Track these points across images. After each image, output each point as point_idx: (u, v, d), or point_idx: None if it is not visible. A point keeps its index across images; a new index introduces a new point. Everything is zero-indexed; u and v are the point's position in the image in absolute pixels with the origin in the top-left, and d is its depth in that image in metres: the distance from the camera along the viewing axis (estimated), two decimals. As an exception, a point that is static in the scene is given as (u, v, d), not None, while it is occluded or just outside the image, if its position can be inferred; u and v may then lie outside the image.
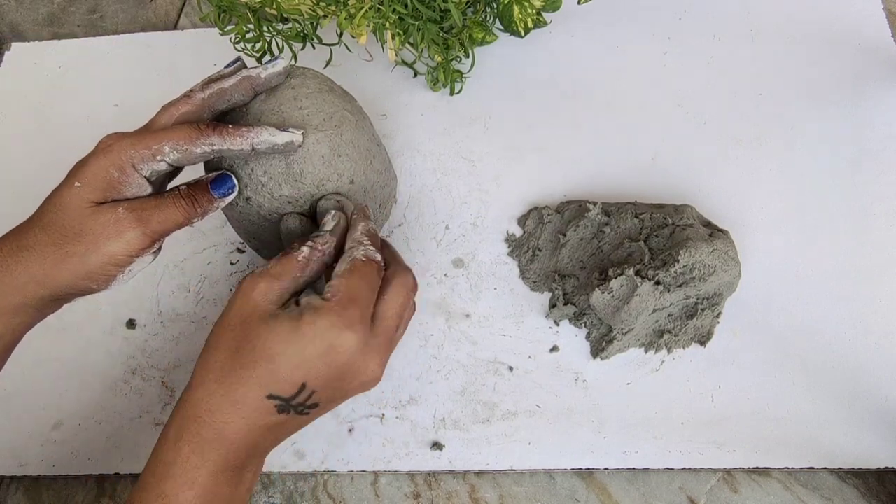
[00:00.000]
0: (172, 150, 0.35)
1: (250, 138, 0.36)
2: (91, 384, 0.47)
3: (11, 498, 0.46)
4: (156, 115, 0.37)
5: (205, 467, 0.32)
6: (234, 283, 0.49)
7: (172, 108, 0.37)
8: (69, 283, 0.34)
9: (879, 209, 0.47)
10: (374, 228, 0.37)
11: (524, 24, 0.53)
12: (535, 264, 0.47)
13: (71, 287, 0.34)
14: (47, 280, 0.34)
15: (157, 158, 0.35)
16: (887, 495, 0.41)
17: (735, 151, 0.50)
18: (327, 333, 0.32)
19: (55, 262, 0.33)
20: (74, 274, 0.34)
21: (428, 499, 0.43)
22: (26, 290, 0.34)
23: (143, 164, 0.35)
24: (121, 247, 0.34)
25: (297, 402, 0.33)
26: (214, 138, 0.36)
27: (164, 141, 0.35)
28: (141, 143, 0.34)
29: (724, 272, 0.41)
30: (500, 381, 0.44)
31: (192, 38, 0.62)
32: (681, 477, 0.42)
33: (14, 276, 0.33)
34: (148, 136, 0.35)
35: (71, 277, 0.34)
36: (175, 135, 0.35)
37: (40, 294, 0.34)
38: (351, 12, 0.46)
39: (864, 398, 0.42)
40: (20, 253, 0.33)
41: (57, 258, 0.33)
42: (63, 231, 0.33)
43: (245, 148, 0.36)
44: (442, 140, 0.53)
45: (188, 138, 0.35)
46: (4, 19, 0.68)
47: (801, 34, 0.54)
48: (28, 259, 0.33)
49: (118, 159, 0.34)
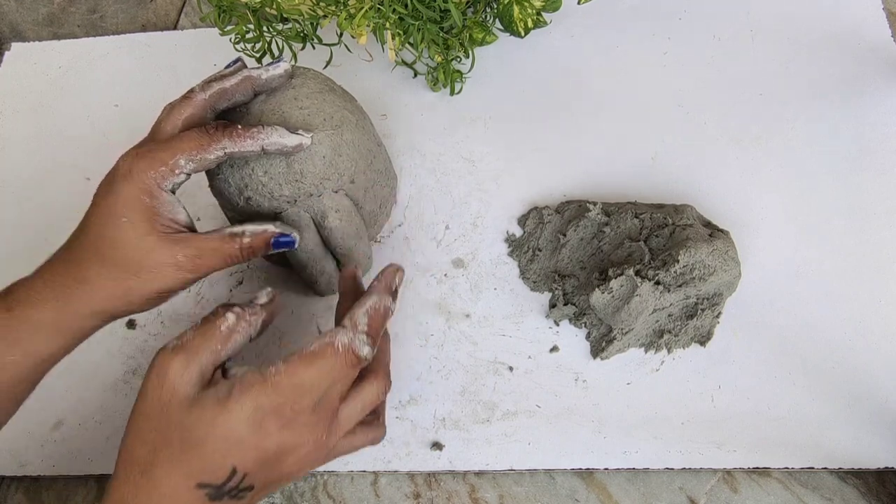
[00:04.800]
0: (188, 161, 0.35)
1: (260, 140, 0.36)
2: (91, 384, 0.47)
3: (11, 498, 0.46)
4: (160, 121, 0.37)
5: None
6: (233, 284, 0.49)
7: (176, 111, 0.37)
8: (122, 312, 0.36)
9: (879, 209, 0.47)
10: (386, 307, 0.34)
11: (524, 24, 0.53)
12: (535, 264, 0.47)
13: (122, 314, 0.36)
14: (105, 311, 0.35)
15: (175, 173, 0.35)
16: (887, 495, 0.41)
17: (735, 151, 0.50)
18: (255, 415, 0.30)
19: (115, 296, 0.35)
20: (130, 305, 0.35)
21: (428, 499, 0.43)
22: (85, 318, 0.35)
23: (166, 182, 0.35)
24: (174, 285, 0.36)
25: (229, 488, 0.31)
26: (225, 141, 0.36)
27: (178, 154, 0.35)
28: (157, 162, 0.35)
29: (724, 272, 0.41)
30: (500, 381, 0.44)
31: (192, 38, 0.62)
32: (681, 477, 0.42)
33: (75, 307, 0.34)
34: (161, 153, 0.35)
35: (126, 308, 0.36)
36: (186, 145, 0.35)
37: (97, 322, 0.36)
38: (351, 12, 0.46)
39: (864, 398, 0.42)
40: (81, 286, 0.34)
41: (117, 293, 0.35)
42: (123, 267, 0.34)
43: (255, 149, 0.37)
44: (442, 140, 0.53)
45: (200, 146, 0.35)
46: (4, 19, 0.68)
47: (801, 34, 0.54)
48: (89, 292, 0.34)
49: (142, 184, 0.34)
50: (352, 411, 0.34)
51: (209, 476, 0.30)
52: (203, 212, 0.52)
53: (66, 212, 0.54)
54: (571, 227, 0.46)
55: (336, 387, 0.32)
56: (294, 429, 0.31)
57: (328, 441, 0.33)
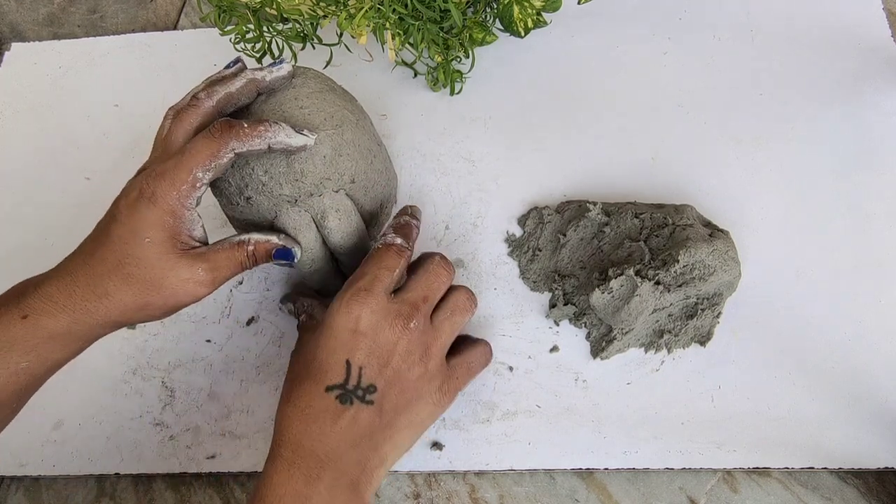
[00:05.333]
0: (205, 172, 0.36)
1: (268, 138, 0.37)
2: (91, 384, 0.47)
3: (11, 498, 0.46)
4: (170, 132, 0.37)
5: (290, 486, 0.33)
6: (234, 283, 0.49)
7: (185, 121, 0.37)
8: (136, 321, 0.37)
9: (879, 209, 0.47)
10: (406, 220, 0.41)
11: (524, 24, 0.53)
12: (535, 264, 0.47)
13: (135, 323, 0.38)
14: (122, 321, 0.36)
15: (197, 187, 0.36)
16: (887, 495, 0.41)
17: (735, 151, 0.50)
18: (340, 308, 0.36)
19: (134, 309, 0.36)
20: (147, 317, 0.37)
21: (428, 499, 0.43)
22: (100, 328, 0.36)
23: (189, 199, 0.36)
24: (193, 298, 0.37)
25: (352, 386, 0.35)
26: (234, 143, 0.36)
27: (194, 167, 0.35)
28: (178, 181, 0.35)
29: (724, 272, 0.41)
30: (500, 381, 0.44)
31: (192, 38, 0.62)
32: (681, 477, 0.42)
33: (94, 318, 0.35)
34: (179, 171, 0.35)
35: (142, 319, 0.37)
36: (200, 156, 0.35)
37: (109, 330, 0.37)
38: (351, 12, 0.46)
39: (864, 398, 0.42)
40: (101, 299, 0.35)
41: (136, 307, 0.36)
42: (145, 284, 0.35)
43: (262, 147, 0.37)
44: (442, 140, 0.53)
45: (212, 154, 0.36)
46: (4, 19, 0.68)
47: (801, 34, 0.54)
48: (109, 305, 0.35)
49: (167, 206, 0.35)
50: (443, 315, 0.39)
51: (331, 376, 0.35)
52: (203, 212, 0.51)
53: (66, 212, 0.54)
54: (571, 227, 0.46)
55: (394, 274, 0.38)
56: (378, 312, 0.36)
57: (426, 338, 0.38)
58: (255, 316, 0.48)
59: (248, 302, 0.49)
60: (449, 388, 0.39)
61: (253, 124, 0.36)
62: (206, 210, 0.52)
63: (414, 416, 0.37)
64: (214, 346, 0.48)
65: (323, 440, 0.34)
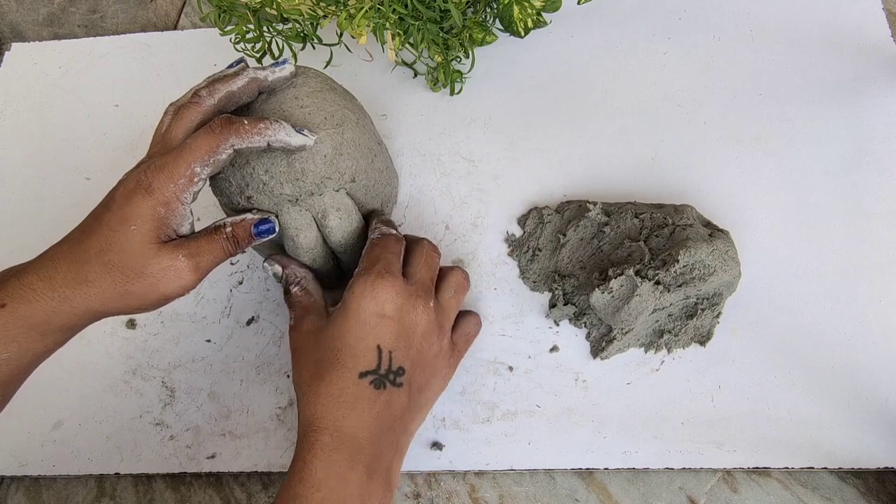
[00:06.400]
0: (203, 167, 0.36)
1: (267, 136, 0.37)
2: (91, 384, 0.47)
3: (11, 498, 0.46)
4: (170, 127, 0.37)
5: (332, 470, 0.34)
6: (234, 283, 0.49)
7: (185, 118, 0.37)
8: (117, 312, 0.36)
9: (879, 209, 0.47)
10: (386, 219, 0.43)
11: (524, 24, 0.53)
12: (535, 264, 0.47)
13: (116, 314, 0.37)
14: (102, 310, 0.36)
15: (194, 181, 0.36)
16: (887, 495, 0.41)
17: (735, 151, 0.50)
18: (365, 293, 0.37)
19: (114, 298, 0.35)
20: (129, 307, 0.36)
21: (428, 499, 0.43)
22: (80, 317, 0.35)
23: (185, 193, 0.36)
24: (177, 289, 0.36)
25: (384, 370, 0.36)
26: (233, 139, 0.36)
27: (193, 162, 0.35)
28: (176, 174, 0.35)
29: (724, 272, 0.41)
30: (500, 381, 0.44)
31: (192, 38, 0.62)
32: (681, 477, 0.42)
33: (72, 305, 0.34)
34: (177, 165, 0.35)
35: (126, 309, 0.36)
36: (199, 151, 0.35)
37: (90, 320, 0.36)
38: (351, 12, 0.46)
39: (864, 398, 0.42)
40: (80, 286, 0.34)
41: (116, 295, 0.35)
42: (125, 272, 0.35)
43: (262, 145, 0.37)
44: (442, 140, 0.54)
45: (211, 149, 0.36)
46: (4, 19, 0.68)
47: (800, 34, 0.54)
48: (88, 292, 0.35)
49: (162, 197, 0.35)
50: (447, 294, 0.41)
51: (364, 362, 0.36)
52: (203, 212, 0.52)
53: (66, 211, 0.54)
54: (571, 227, 0.46)
55: (395, 256, 0.40)
56: (402, 294, 0.38)
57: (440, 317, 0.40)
58: (255, 316, 0.48)
59: (248, 302, 0.49)
60: (453, 362, 0.42)
61: (253, 121, 0.37)
62: (206, 210, 0.52)
63: (431, 393, 0.40)
64: (214, 346, 0.48)
65: (362, 426, 0.35)
